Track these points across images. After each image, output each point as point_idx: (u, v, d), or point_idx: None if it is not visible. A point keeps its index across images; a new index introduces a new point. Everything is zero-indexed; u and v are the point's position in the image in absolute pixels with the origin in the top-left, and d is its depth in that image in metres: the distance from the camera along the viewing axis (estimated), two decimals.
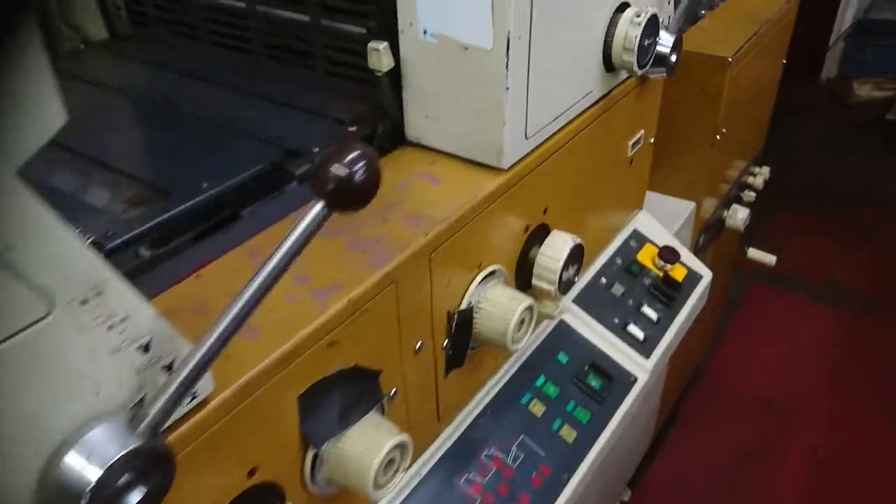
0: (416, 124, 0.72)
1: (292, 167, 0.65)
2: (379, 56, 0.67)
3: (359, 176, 0.35)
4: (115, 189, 0.64)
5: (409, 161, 0.71)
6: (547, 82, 0.68)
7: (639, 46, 0.76)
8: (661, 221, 1.27)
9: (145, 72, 0.91)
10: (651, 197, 1.33)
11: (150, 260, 0.55)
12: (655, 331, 0.93)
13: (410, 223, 0.62)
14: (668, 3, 0.87)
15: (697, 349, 1.76)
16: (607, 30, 0.76)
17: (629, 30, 0.75)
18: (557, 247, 0.76)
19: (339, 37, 0.76)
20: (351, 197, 0.35)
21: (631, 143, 0.94)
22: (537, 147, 0.72)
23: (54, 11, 0.95)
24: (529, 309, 0.70)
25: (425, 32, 0.65)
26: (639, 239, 1.04)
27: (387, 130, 0.71)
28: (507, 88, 0.63)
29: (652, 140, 1.01)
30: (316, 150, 0.67)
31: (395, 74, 0.69)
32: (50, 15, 0.96)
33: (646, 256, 1.01)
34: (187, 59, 0.91)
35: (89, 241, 0.56)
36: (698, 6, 1.38)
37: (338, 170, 0.34)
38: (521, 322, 0.70)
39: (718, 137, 1.27)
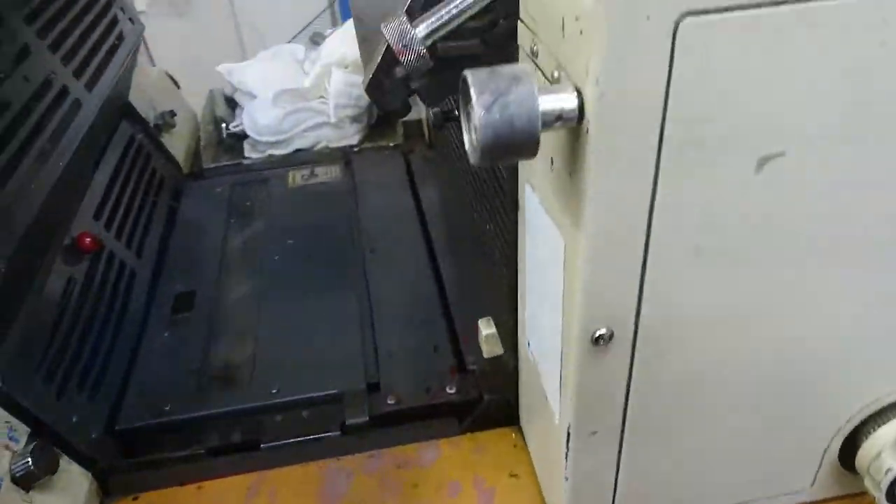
0: (524, 416, 0.58)
1: (352, 409, 0.59)
2: (484, 340, 0.55)
3: None
4: (229, 351, 0.68)
5: (495, 456, 0.58)
6: (666, 478, 0.47)
7: None
8: None
9: (390, 188, 0.91)
10: None
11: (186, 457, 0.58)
12: None
13: None
14: None
15: None
16: (858, 427, 0.47)
17: (886, 457, 0.45)
18: None
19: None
20: None
21: None
22: None
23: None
24: None
25: (528, 345, 0.51)
26: None
27: (490, 408, 0.59)
28: (566, 479, 0.45)
29: None
30: (391, 400, 0.60)
31: (514, 358, 0.56)
32: (395, 116, 1.04)
33: None
34: (435, 186, 0.89)
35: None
36: None
37: None
38: None
39: None
